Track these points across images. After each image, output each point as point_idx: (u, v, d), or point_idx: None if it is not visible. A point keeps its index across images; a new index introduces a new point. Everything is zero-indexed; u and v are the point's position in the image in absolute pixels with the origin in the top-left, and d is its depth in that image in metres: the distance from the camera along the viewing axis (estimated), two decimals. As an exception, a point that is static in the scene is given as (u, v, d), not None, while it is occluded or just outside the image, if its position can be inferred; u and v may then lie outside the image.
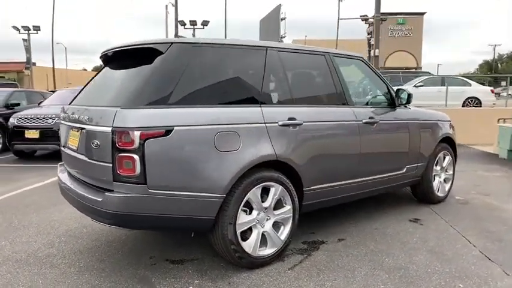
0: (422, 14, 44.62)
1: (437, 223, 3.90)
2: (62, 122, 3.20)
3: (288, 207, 2.99)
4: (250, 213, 2.81)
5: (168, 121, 2.42)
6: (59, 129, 3.71)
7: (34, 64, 34.57)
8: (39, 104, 9.22)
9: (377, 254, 3.13)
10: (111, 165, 2.38)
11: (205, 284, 2.63)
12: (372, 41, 26.60)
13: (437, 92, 12.30)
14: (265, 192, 2.88)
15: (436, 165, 4.53)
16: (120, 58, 3.01)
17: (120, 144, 2.34)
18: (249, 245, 2.78)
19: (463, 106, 12.90)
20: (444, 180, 4.69)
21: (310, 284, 2.64)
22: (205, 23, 24.27)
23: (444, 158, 4.65)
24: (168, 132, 2.40)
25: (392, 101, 3.93)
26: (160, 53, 2.58)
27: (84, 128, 2.66)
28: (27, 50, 28.40)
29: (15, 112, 8.30)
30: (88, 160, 2.60)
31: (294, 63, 3.25)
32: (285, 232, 3.00)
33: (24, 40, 27.52)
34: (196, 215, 2.54)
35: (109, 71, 3.15)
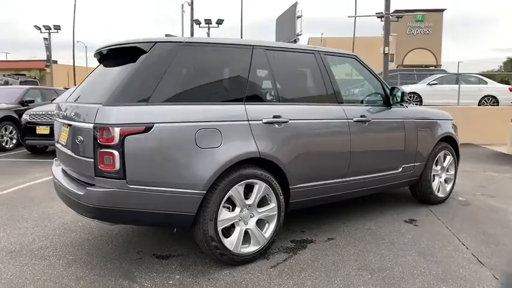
0: (442, 10, 43.65)
1: (433, 224, 3.82)
2: (56, 118, 3.29)
3: (272, 204, 3.00)
4: (232, 210, 2.83)
5: (148, 118, 2.45)
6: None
7: (55, 62, 35.49)
8: (51, 101, 9.47)
9: (364, 254, 3.10)
10: (93, 160, 2.43)
11: (185, 280, 2.66)
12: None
13: (451, 90, 12.02)
14: (249, 189, 2.89)
15: (436, 165, 4.44)
16: (110, 56, 3.07)
17: (101, 140, 2.39)
18: (231, 242, 2.79)
19: (479, 105, 12.57)
20: (445, 181, 4.60)
21: (290, 282, 2.63)
22: (220, 22, 24.38)
23: (445, 157, 4.55)
24: (148, 129, 2.44)
25: (387, 100, 3.87)
26: (144, 52, 2.62)
27: (71, 124, 2.73)
28: (48, 48, 29.18)
29: (29, 109, 8.55)
30: (74, 155, 2.66)
31: (282, 61, 3.24)
32: (269, 230, 3.00)
33: (45, 39, 28.31)
34: (176, 211, 2.57)
35: (101, 68, 3.21)
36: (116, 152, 2.37)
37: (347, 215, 4.07)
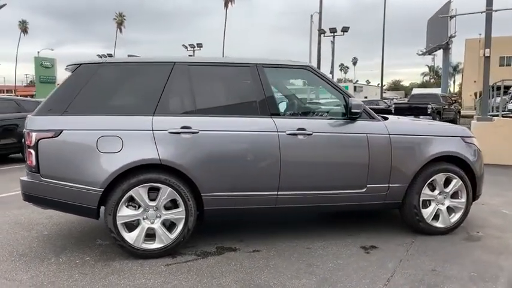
0: None
1: (388, 255, 3.34)
2: None
3: (180, 209, 3.24)
4: (138, 209, 3.20)
5: (58, 126, 3.08)
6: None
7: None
8: None
9: (262, 271, 3.03)
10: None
11: (89, 262, 3.16)
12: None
13: None
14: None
15: (432, 189, 3.81)
16: None
17: (27, 142, 3.12)
18: (131, 237, 3.16)
19: None
20: (449, 209, 3.87)
21: (159, 279, 2.86)
22: (345, 30, 23.99)
23: (448, 181, 3.84)
24: (57, 134, 3.06)
25: (347, 112, 3.58)
26: (71, 72, 3.27)
27: None
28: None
29: None
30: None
31: (207, 76, 3.44)
32: (176, 231, 3.25)
33: (190, 56, 32.98)
34: (80, 203, 3.12)
35: None
36: (33, 152, 3.07)
37: (307, 232, 3.88)
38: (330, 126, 3.55)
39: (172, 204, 3.27)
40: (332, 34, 24.55)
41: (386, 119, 3.98)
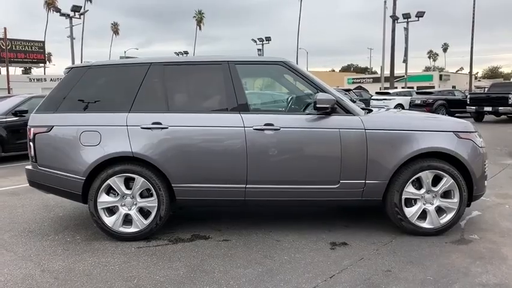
0: None
1: (354, 253, 3.28)
2: None
3: (153, 197, 3.55)
4: (116, 196, 3.58)
5: (50, 122, 3.57)
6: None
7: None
8: None
9: (217, 258, 3.20)
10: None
11: (77, 241, 3.63)
12: None
13: None
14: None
15: (418, 188, 3.60)
16: None
17: (29, 136, 3.68)
18: (110, 221, 3.56)
19: None
20: (439, 209, 3.62)
21: (123, 258, 3.21)
22: (420, 15, 22.23)
23: (437, 179, 3.58)
24: (49, 130, 3.56)
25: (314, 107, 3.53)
26: (65, 74, 3.75)
27: None
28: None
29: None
30: None
31: (179, 75, 3.66)
32: (150, 218, 3.57)
33: (258, 50, 33.37)
34: (68, 189, 3.59)
35: None
36: (32, 144, 3.61)
37: (289, 226, 3.92)
38: (299, 122, 3.55)
39: (149, 194, 3.59)
40: (405, 20, 22.91)
41: (370, 111, 3.84)
